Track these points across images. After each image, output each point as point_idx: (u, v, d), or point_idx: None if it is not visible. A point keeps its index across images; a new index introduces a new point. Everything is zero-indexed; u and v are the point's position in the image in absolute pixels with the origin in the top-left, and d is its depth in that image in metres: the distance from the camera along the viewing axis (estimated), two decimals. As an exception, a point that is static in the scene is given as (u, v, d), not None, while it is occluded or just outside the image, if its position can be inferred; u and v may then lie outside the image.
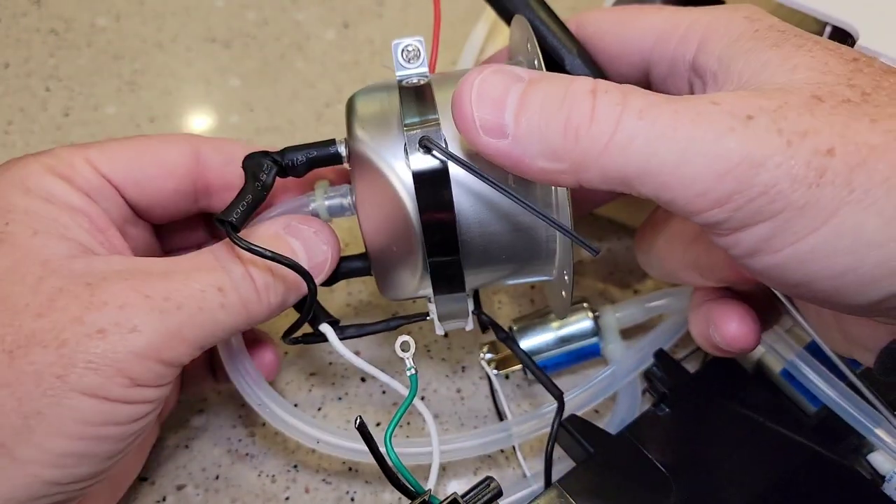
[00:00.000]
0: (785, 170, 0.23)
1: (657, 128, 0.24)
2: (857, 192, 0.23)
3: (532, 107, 0.25)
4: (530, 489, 0.37)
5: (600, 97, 0.25)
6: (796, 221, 0.23)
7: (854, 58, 0.26)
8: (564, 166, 0.25)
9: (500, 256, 0.32)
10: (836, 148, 0.23)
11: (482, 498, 0.30)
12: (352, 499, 0.39)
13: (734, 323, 0.32)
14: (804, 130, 0.23)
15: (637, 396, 0.40)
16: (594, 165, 0.25)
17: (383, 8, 0.61)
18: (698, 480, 0.35)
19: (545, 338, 0.41)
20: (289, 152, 0.33)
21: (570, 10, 0.62)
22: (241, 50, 0.58)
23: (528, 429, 0.38)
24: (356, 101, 0.32)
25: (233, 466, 0.40)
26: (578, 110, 0.25)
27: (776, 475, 0.35)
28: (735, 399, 0.38)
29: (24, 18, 0.59)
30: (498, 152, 0.26)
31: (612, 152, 0.24)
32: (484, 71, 0.26)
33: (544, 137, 0.25)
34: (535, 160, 0.25)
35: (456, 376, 0.44)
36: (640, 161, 0.24)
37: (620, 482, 0.35)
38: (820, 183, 0.23)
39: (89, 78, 0.56)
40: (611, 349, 0.42)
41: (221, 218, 0.29)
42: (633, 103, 0.24)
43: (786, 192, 0.23)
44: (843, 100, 0.24)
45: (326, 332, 0.34)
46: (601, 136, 0.24)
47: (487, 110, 0.25)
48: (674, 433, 0.37)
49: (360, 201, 0.32)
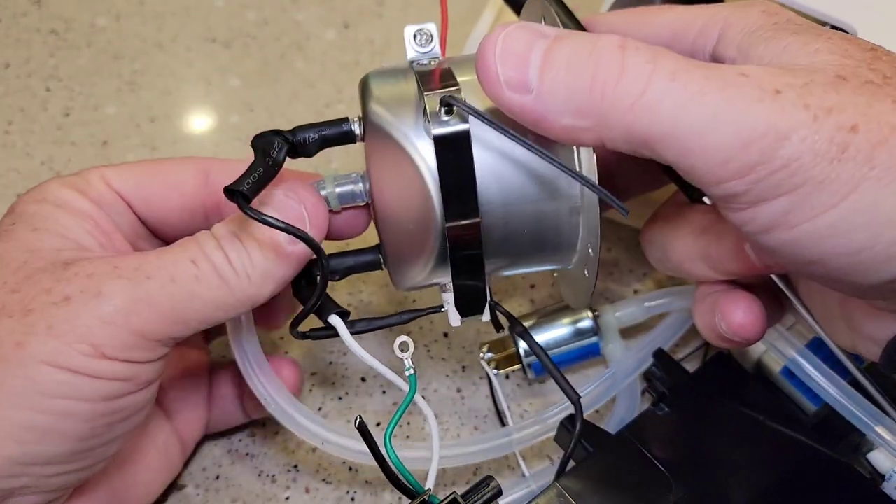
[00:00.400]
0: (809, 144, 0.23)
1: (687, 92, 0.23)
2: (877, 169, 0.23)
3: (557, 62, 0.25)
4: (529, 489, 0.37)
5: (630, 54, 0.24)
6: (815, 196, 0.23)
7: (872, 48, 0.26)
8: (588, 123, 0.25)
9: (522, 232, 0.31)
10: (860, 125, 0.23)
11: (482, 498, 0.30)
12: (352, 499, 0.39)
13: (741, 311, 0.32)
14: (829, 107, 0.23)
15: (636, 396, 0.40)
16: (619, 123, 0.24)
17: (383, 8, 0.61)
18: (698, 480, 0.35)
19: (544, 338, 0.41)
20: (300, 130, 0.32)
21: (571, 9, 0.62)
22: (241, 50, 0.58)
23: (530, 435, 0.38)
24: (370, 79, 0.32)
25: (233, 466, 0.40)
26: (607, 66, 0.24)
27: (776, 474, 0.35)
28: (735, 398, 0.38)
29: (25, 18, 0.59)
30: (522, 108, 0.25)
31: (639, 112, 0.24)
32: (509, 26, 0.26)
33: (569, 93, 0.25)
34: (558, 117, 0.25)
35: (456, 376, 0.44)
36: (667, 123, 0.24)
37: (620, 481, 0.35)
38: (842, 158, 0.23)
39: (89, 78, 0.56)
40: (610, 349, 0.42)
41: (232, 188, 0.28)
42: (665, 64, 0.24)
43: (807, 167, 0.23)
44: (866, 81, 0.24)
45: (336, 325, 0.33)
46: (629, 94, 0.24)
47: (511, 65, 0.25)
48: (673, 432, 0.37)
49: (376, 180, 0.31)
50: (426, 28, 0.31)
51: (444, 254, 0.31)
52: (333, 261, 0.34)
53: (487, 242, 0.31)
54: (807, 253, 0.25)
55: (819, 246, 0.24)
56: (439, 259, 0.31)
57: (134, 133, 0.54)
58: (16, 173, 0.51)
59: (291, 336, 0.34)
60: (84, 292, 0.28)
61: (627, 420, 0.38)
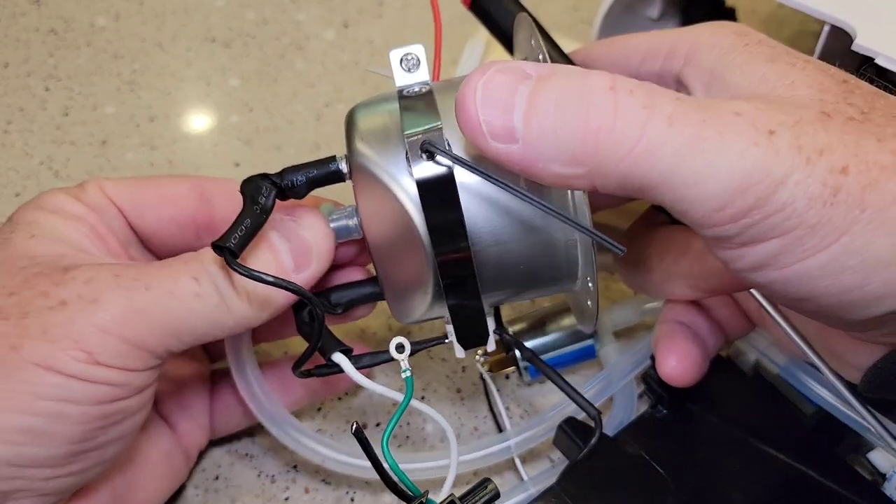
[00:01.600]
0: (803, 188, 0.23)
1: (685, 137, 0.23)
2: (868, 211, 0.23)
3: (544, 107, 0.23)
4: (527, 493, 0.37)
5: (622, 97, 0.23)
6: (807, 239, 0.23)
7: (844, 79, 0.26)
8: (581, 171, 0.24)
9: (518, 267, 0.30)
10: (850, 167, 0.23)
11: (479, 500, 0.30)
12: (352, 499, 0.39)
13: (673, 360, 0.34)
14: (821, 148, 0.23)
15: (633, 398, 0.40)
16: (614, 171, 0.23)
17: (383, 8, 0.61)
18: (696, 481, 0.35)
19: (541, 340, 0.41)
20: (288, 173, 0.32)
21: (570, 9, 0.63)
22: (240, 50, 0.58)
23: (528, 439, 0.38)
24: (356, 114, 0.31)
25: (232, 467, 0.40)
26: (599, 110, 0.23)
27: (774, 475, 0.35)
28: (733, 400, 0.38)
29: (24, 18, 0.59)
30: (509, 157, 0.24)
31: (636, 160, 0.23)
32: (488, 70, 0.24)
33: (560, 141, 0.23)
34: (549, 165, 0.24)
35: (456, 376, 0.44)
36: (665, 170, 0.23)
37: (618, 484, 0.35)
38: (834, 202, 0.23)
39: (88, 77, 0.56)
40: (606, 350, 0.42)
41: (219, 244, 0.28)
42: (662, 107, 0.23)
43: (801, 210, 0.23)
44: (848, 117, 0.24)
45: (341, 363, 0.32)
46: (625, 141, 0.23)
47: (494, 113, 0.24)
48: (671, 434, 0.37)
49: (366, 219, 0.31)
50: (413, 52, 0.30)
51: (440, 289, 0.30)
52: (335, 294, 0.34)
53: (482, 278, 0.30)
54: (796, 291, 0.25)
55: (808, 285, 0.24)
56: (436, 294, 0.31)
57: (133, 133, 0.54)
58: (15, 173, 0.51)
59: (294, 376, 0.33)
60: (81, 298, 0.28)
61: (625, 422, 0.38)
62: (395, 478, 0.30)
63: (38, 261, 0.29)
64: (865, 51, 0.35)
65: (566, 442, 0.36)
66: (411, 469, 0.37)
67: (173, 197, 0.34)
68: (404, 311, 0.32)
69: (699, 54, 0.28)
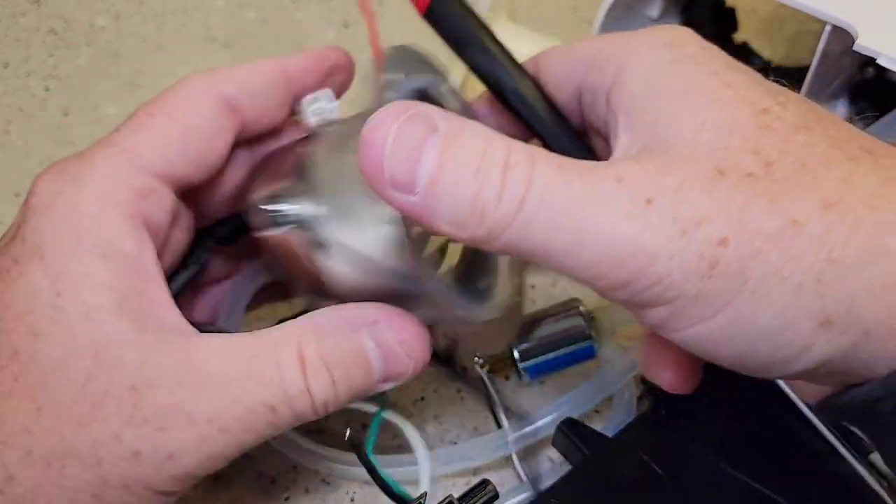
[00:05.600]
0: (677, 262, 0.23)
1: (557, 209, 0.23)
2: (751, 282, 0.22)
3: (445, 170, 0.24)
4: (526, 493, 0.37)
5: (511, 174, 0.23)
6: (691, 309, 0.23)
7: (765, 108, 0.24)
8: (468, 236, 0.24)
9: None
10: (730, 237, 0.22)
11: (478, 501, 0.30)
12: (352, 499, 0.39)
13: (668, 372, 0.31)
14: (699, 218, 0.23)
15: (633, 399, 0.40)
16: (498, 240, 0.24)
17: (383, 8, 0.61)
18: (696, 482, 0.35)
19: (540, 339, 0.41)
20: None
21: (570, 9, 0.63)
22: (241, 50, 0.58)
23: (525, 436, 0.38)
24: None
25: (232, 467, 0.40)
26: (488, 186, 0.23)
27: (776, 477, 0.35)
28: (734, 400, 0.38)
29: (24, 18, 0.59)
30: (403, 207, 0.24)
31: (515, 231, 0.24)
32: (400, 116, 0.24)
33: (453, 205, 0.24)
34: (440, 223, 0.24)
35: (456, 376, 0.44)
36: (541, 241, 0.23)
37: (617, 485, 0.35)
38: (712, 275, 0.22)
39: (89, 77, 0.56)
40: (605, 351, 0.41)
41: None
42: (538, 180, 0.23)
43: (678, 283, 0.23)
44: (746, 173, 0.23)
45: None
46: (506, 215, 0.23)
47: (400, 164, 0.24)
48: (671, 435, 0.37)
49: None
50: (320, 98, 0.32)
51: None
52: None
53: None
54: (703, 351, 0.24)
55: (707, 348, 0.24)
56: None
57: (133, 133, 0.53)
58: (15, 173, 0.51)
59: None
60: (155, 451, 0.27)
61: (624, 423, 0.38)
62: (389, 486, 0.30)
63: (102, 362, 0.27)
64: (867, 51, 0.35)
65: (564, 442, 0.36)
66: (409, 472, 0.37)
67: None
68: None
69: (624, 74, 0.28)
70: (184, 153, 0.31)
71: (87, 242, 0.28)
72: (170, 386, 0.27)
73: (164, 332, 0.28)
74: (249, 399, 0.27)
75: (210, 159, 0.32)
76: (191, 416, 0.27)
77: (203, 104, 0.32)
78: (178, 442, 0.27)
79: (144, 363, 0.27)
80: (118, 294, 0.28)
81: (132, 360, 0.27)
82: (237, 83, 0.33)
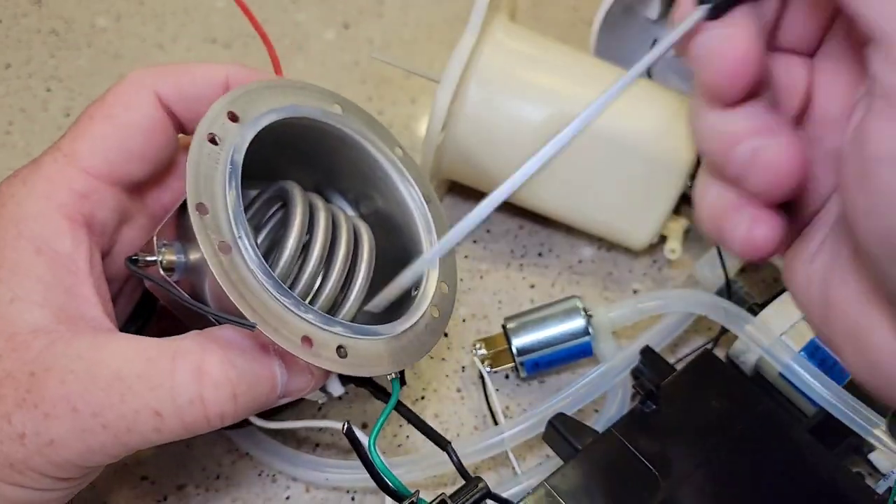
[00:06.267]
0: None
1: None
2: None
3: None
4: (521, 486, 0.37)
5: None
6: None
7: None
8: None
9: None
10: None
11: (470, 498, 0.30)
12: (352, 498, 0.39)
13: (764, 226, 0.23)
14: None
15: (626, 394, 0.40)
16: None
17: (383, 8, 0.61)
18: (686, 477, 0.35)
19: (538, 336, 0.41)
20: None
21: (570, 9, 0.63)
22: (241, 50, 0.58)
23: (520, 433, 0.38)
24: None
25: (233, 466, 0.40)
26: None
27: (766, 472, 0.35)
28: (725, 396, 0.38)
29: (25, 19, 0.59)
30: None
31: None
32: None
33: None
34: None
35: (456, 376, 0.44)
36: None
37: (608, 479, 0.35)
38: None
39: (90, 78, 0.56)
40: (602, 349, 0.42)
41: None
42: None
43: None
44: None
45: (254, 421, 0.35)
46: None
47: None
48: (661, 430, 0.37)
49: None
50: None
51: None
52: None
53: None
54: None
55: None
56: None
57: (134, 133, 0.54)
58: (16, 173, 0.52)
59: None
60: (38, 435, 0.28)
61: (616, 418, 0.38)
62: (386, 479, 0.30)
63: (13, 345, 0.28)
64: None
65: (556, 438, 0.36)
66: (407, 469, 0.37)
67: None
68: None
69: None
70: (124, 151, 0.32)
71: (26, 237, 0.29)
72: (63, 375, 0.28)
73: (81, 326, 0.29)
74: (136, 401, 0.28)
75: (153, 153, 0.33)
76: (76, 407, 0.27)
77: (140, 101, 0.32)
78: (59, 430, 0.27)
79: (48, 351, 0.28)
80: (45, 286, 0.29)
81: (38, 347, 0.28)
82: (173, 86, 0.34)
